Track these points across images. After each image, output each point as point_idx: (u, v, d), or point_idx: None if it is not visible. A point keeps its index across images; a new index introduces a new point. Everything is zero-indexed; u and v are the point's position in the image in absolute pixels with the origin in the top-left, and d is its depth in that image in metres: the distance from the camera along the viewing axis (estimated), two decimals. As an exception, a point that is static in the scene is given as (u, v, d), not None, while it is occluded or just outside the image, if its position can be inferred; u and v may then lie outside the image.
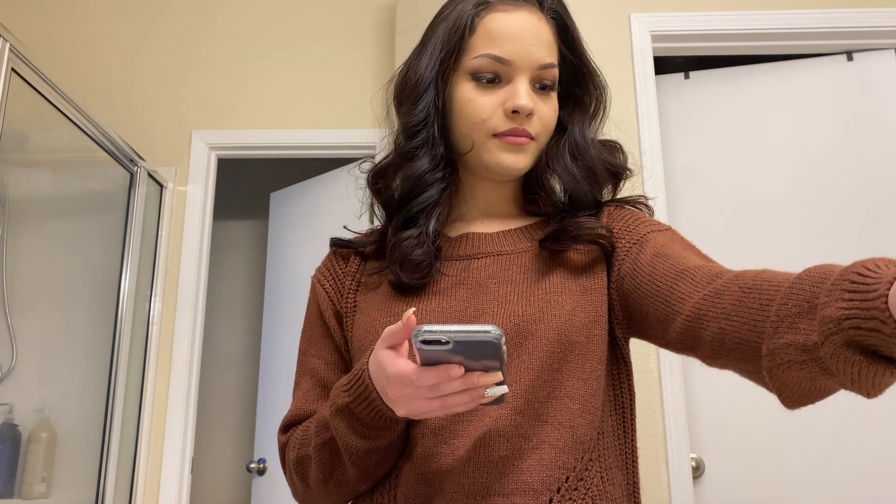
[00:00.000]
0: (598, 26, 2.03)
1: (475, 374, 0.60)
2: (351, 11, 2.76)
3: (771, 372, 0.58)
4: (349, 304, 0.87)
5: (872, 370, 0.49)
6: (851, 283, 0.50)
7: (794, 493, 1.83)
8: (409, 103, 0.84)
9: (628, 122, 1.95)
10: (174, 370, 2.38)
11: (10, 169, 2.00)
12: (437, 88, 0.83)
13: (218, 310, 3.41)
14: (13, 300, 1.99)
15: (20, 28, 2.59)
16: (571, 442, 0.76)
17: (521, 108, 0.79)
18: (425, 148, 0.83)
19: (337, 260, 0.92)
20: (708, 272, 0.70)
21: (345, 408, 0.72)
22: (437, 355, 0.59)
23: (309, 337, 0.90)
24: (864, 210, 1.99)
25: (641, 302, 0.76)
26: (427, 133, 0.83)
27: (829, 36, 2.07)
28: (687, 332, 0.69)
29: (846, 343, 0.50)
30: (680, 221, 2.07)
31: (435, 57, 0.83)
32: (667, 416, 1.73)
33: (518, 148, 0.81)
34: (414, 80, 0.85)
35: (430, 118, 0.83)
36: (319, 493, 0.80)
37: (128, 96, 2.64)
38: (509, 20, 0.81)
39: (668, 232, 0.83)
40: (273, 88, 2.67)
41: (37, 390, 2.07)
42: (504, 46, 0.80)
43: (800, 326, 0.54)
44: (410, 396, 0.63)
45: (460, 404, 0.62)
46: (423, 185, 0.83)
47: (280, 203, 2.96)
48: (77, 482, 2.11)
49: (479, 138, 0.81)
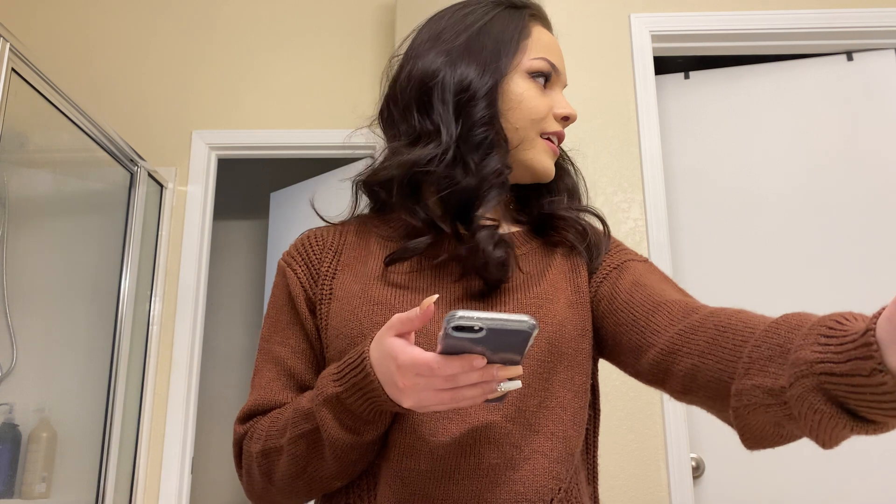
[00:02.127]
0: (598, 26, 2.03)
1: (494, 366, 0.60)
2: (350, 11, 2.76)
3: (736, 412, 0.59)
4: (325, 290, 0.84)
5: (833, 422, 0.49)
6: (829, 328, 0.50)
7: (794, 493, 1.83)
8: (470, 100, 0.81)
9: (628, 122, 1.95)
10: (174, 370, 2.38)
11: (10, 169, 2.00)
12: (495, 83, 0.81)
13: (218, 310, 3.41)
14: (13, 300, 1.99)
15: (20, 28, 2.59)
16: (564, 453, 0.76)
17: (573, 115, 0.86)
18: (494, 145, 0.80)
19: (311, 245, 0.88)
20: (684, 307, 0.71)
21: (334, 398, 0.69)
22: (461, 344, 0.57)
23: (274, 323, 0.86)
24: (864, 210, 1.99)
25: (615, 329, 0.78)
26: (496, 130, 0.80)
27: (829, 36, 2.07)
28: (659, 365, 0.70)
29: (815, 388, 0.50)
30: (680, 221, 2.07)
31: (488, 54, 0.82)
32: (667, 416, 1.73)
33: (554, 155, 0.87)
34: (462, 79, 0.82)
35: (496, 115, 0.81)
36: (283, 489, 0.77)
37: (128, 96, 2.63)
38: (550, 37, 0.89)
39: (646, 263, 0.86)
40: (273, 88, 2.67)
41: (37, 390, 2.07)
42: (554, 57, 0.87)
43: (770, 370, 0.55)
44: (422, 386, 0.61)
45: (469, 398, 0.61)
46: (494, 184, 0.79)
47: (280, 203, 2.96)
48: (77, 482, 2.11)
49: (531, 134, 0.84)
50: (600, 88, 1.98)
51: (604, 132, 1.94)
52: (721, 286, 2.01)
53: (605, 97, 1.98)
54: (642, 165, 1.91)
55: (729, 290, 2.00)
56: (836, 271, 1.97)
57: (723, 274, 2.02)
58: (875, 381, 0.46)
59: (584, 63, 2.00)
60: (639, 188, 1.90)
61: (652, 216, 1.88)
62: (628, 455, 1.71)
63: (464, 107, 0.81)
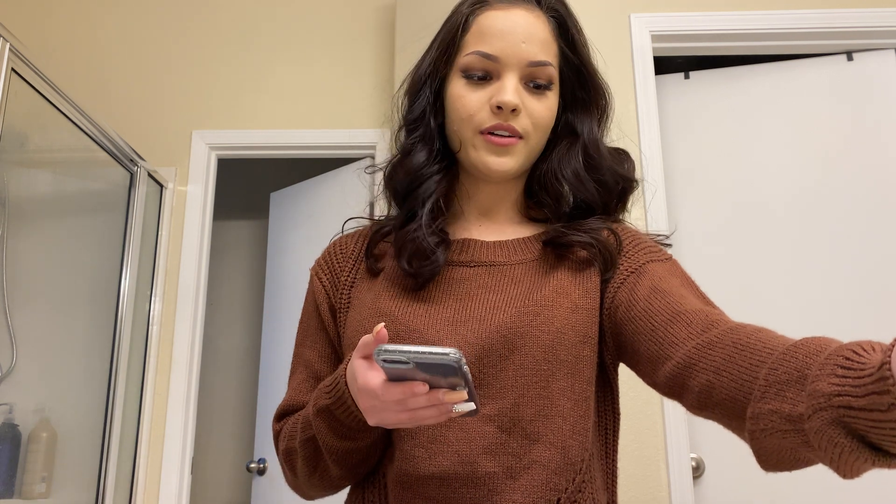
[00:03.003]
0: (598, 26, 2.03)
1: (441, 391, 0.60)
2: (351, 11, 2.76)
3: (753, 434, 0.58)
4: (344, 299, 0.87)
5: (854, 455, 0.49)
6: (846, 359, 0.49)
7: (794, 493, 1.83)
8: (409, 100, 0.87)
9: (628, 122, 1.95)
10: (174, 370, 2.38)
11: (10, 169, 2.00)
12: (431, 85, 0.84)
13: (218, 310, 3.41)
14: (13, 300, 1.99)
15: (20, 28, 2.59)
16: (563, 463, 0.75)
17: (505, 103, 0.78)
18: (422, 143, 0.84)
19: (336, 253, 0.91)
20: (704, 318, 0.69)
21: (325, 409, 0.73)
22: (402, 372, 0.59)
23: (305, 328, 0.91)
24: (864, 210, 1.99)
25: (634, 338, 0.76)
26: (424, 129, 0.84)
27: (829, 36, 2.07)
28: (675, 378, 0.69)
29: (833, 421, 0.49)
30: (680, 221, 2.06)
31: (432, 55, 0.86)
32: (667, 416, 1.73)
33: (503, 149, 0.80)
34: (415, 79, 0.87)
35: (427, 114, 0.84)
36: (306, 483, 0.82)
37: (128, 96, 2.63)
38: (501, 17, 0.81)
39: (667, 263, 0.82)
40: (273, 88, 2.67)
41: (37, 390, 2.07)
42: (493, 43, 0.80)
43: (787, 395, 0.54)
44: (378, 409, 0.64)
45: (429, 417, 0.63)
46: (420, 178, 0.83)
47: (280, 203, 2.96)
48: (77, 482, 2.11)
49: (467, 134, 0.81)
50: (600, 88, 1.98)
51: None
52: (721, 286, 2.01)
53: (605, 97, 1.98)
54: (642, 165, 1.91)
55: (729, 290, 2.00)
56: (837, 271, 1.96)
57: (723, 274, 2.02)
58: (893, 417, 0.45)
59: (584, 63, 2.00)
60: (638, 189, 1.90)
61: (652, 216, 1.88)
62: (628, 455, 1.71)
63: (407, 108, 0.87)
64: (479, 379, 0.75)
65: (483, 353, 0.75)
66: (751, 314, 1.94)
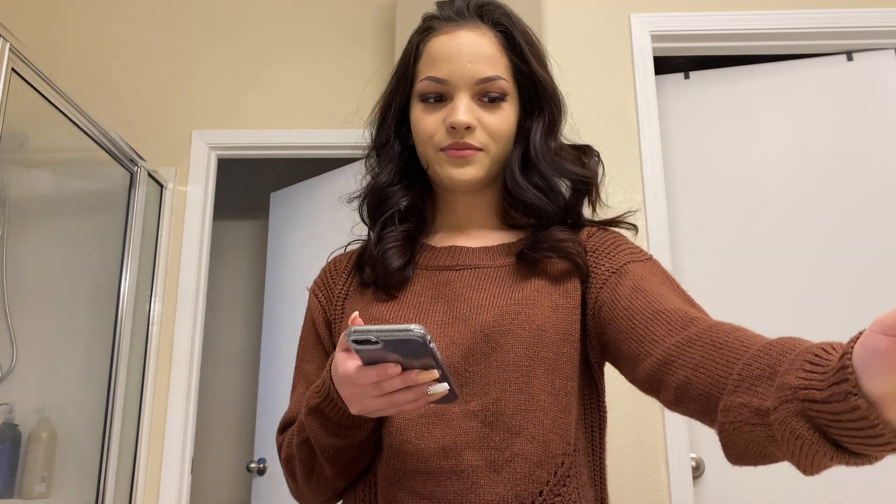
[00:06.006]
0: (598, 26, 2.03)
1: (413, 371, 0.63)
2: (351, 11, 2.76)
3: (722, 427, 0.60)
4: (338, 310, 0.92)
5: (814, 449, 0.49)
6: (815, 356, 0.51)
7: (794, 493, 1.83)
8: (377, 128, 0.95)
9: (628, 122, 1.95)
10: (174, 370, 2.38)
11: (10, 169, 2.00)
12: (395, 112, 0.92)
13: (218, 310, 3.41)
14: (13, 300, 1.99)
15: (20, 28, 2.59)
16: (545, 456, 0.77)
17: (456, 123, 0.83)
18: (388, 165, 0.92)
19: (330, 270, 0.97)
20: (683, 316, 0.72)
21: (316, 408, 0.76)
22: (375, 355, 0.61)
23: (305, 344, 0.95)
24: (864, 210, 1.99)
25: (616, 336, 0.78)
26: (389, 153, 0.93)
27: (829, 36, 2.07)
28: (654, 375, 0.71)
29: (797, 413, 0.50)
30: (680, 221, 2.07)
31: (392, 85, 0.93)
32: (667, 416, 1.73)
33: (463, 160, 0.85)
34: (381, 107, 0.95)
35: (391, 139, 0.93)
36: (305, 489, 0.85)
37: (128, 96, 2.64)
38: (447, 41, 0.86)
39: (648, 263, 0.85)
40: (273, 88, 2.67)
41: (37, 390, 2.07)
42: (442, 67, 0.85)
43: (758, 389, 0.56)
44: (358, 395, 0.66)
45: (407, 402, 0.65)
46: (386, 196, 0.91)
47: (280, 203, 2.96)
48: (77, 482, 2.11)
49: (430, 153, 0.87)
50: (600, 88, 1.98)
51: (604, 132, 1.94)
52: (721, 286, 2.01)
53: (605, 97, 1.98)
54: (642, 165, 1.91)
55: (729, 290, 2.00)
56: (836, 271, 1.97)
57: (723, 274, 2.02)
58: (850, 406, 0.45)
59: (584, 63, 2.00)
60: (639, 188, 1.90)
61: (652, 216, 1.88)
62: (628, 455, 1.71)
63: (375, 134, 0.96)
64: (464, 377, 0.79)
65: (468, 352, 0.79)
66: (751, 313, 1.95)
